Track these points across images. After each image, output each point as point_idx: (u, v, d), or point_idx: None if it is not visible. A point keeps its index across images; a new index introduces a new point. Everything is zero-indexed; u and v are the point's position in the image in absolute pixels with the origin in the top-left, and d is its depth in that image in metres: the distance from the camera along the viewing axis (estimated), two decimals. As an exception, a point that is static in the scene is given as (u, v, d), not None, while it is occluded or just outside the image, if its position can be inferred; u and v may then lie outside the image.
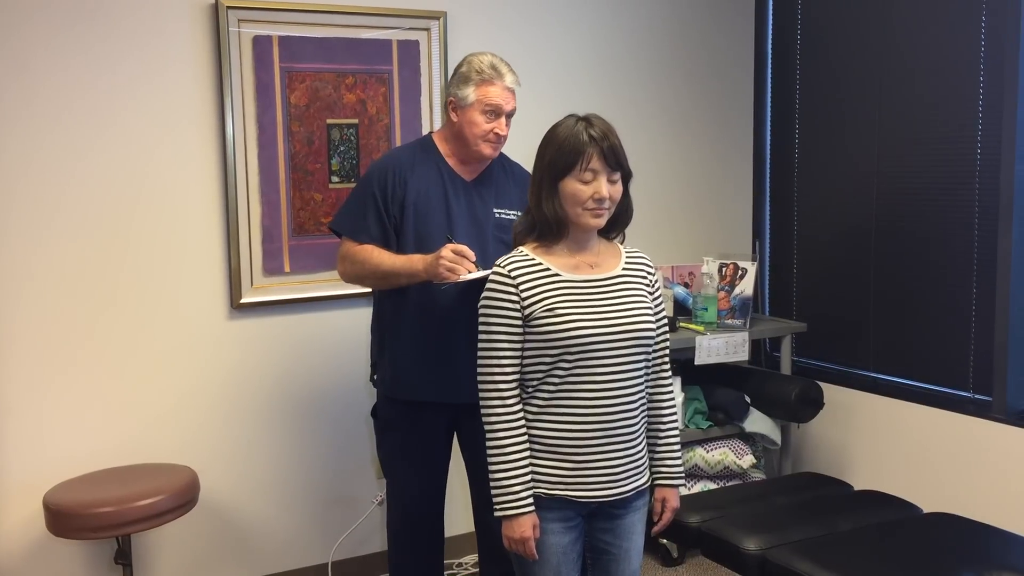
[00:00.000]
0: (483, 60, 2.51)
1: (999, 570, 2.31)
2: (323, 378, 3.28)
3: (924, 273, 3.40)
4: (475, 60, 2.52)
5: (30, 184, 2.83)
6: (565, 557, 2.01)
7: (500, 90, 2.50)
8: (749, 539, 2.52)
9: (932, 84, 3.34)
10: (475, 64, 2.51)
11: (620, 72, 3.75)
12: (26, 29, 2.79)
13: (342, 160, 3.24)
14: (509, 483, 1.94)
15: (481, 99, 2.49)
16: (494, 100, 2.49)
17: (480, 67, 2.50)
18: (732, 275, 3.64)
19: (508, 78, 2.52)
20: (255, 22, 3.06)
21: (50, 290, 2.88)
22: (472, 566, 3.43)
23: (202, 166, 3.06)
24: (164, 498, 2.66)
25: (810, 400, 3.49)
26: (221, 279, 3.11)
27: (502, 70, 2.51)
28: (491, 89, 2.49)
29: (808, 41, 3.85)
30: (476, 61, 2.52)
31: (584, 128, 1.94)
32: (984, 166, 3.18)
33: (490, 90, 2.49)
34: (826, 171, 3.80)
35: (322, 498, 3.32)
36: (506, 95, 2.51)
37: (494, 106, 2.49)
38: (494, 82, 2.49)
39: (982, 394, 3.22)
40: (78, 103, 2.87)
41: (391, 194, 2.53)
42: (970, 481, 3.22)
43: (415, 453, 2.63)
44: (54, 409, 2.90)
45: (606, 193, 1.94)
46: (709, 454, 3.52)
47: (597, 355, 1.93)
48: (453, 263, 2.31)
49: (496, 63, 2.51)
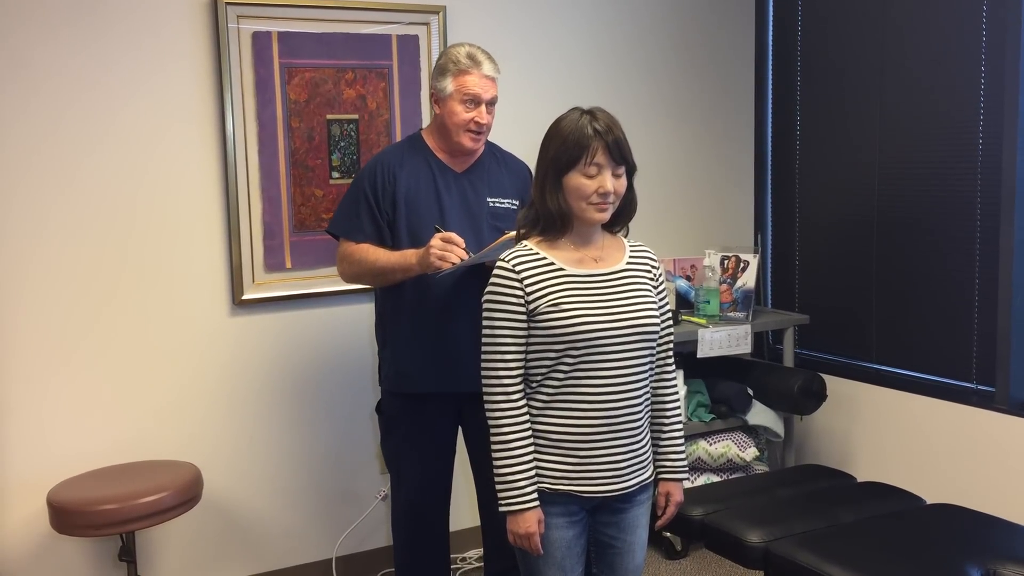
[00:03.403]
0: (460, 51, 2.52)
1: (1003, 560, 2.31)
2: (325, 373, 3.28)
3: (926, 264, 3.40)
4: (452, 51, 2.53)
5: (31, 182, 2.83)
6: (569, 551, 2.02)
7: (478, 79, 2.50)
8: (752, 531, 2.52)
9: (933, 75, 3.33)
10: (452, 55, 2.52)
11: (620, 65, 3.74)
12: (25, 27, 2.79)
13: (342, 156, 3.23)
14: (514, 478, 1.94)
15: (459, 89, 2.49)
16: (472, 89, 2.49)
17: (457, 57, 2.50)
18: (734, 268, 3.64)
19: (486, 66, 2.51)
20: (254, 18, 3.05)
21: (52, 289, 2.87)
22: (477, 560, 3.43)
23: (202, 163, 3.05)
24: (167, 495, 2.67)
25: (813, 392, 3.49)
26: (223, 276, 3.11)
27: (479, 59, 2.51)
28: (468, 78, 2.49)
29: (809, 33, 3.84)
30: (453, 52, 2.53)
31: (589, 122, 1.93)
32: (986, 156, 3.18)
33: (467, 79, 2.49)
34: (827, 163, 3.79)
35: (326, 494, 3.32)
36: (484, 83, 2.51)
37: (472, 95, 2.50)
38: (471, 71, 2.49)
39: (985, 385, 3.23)
40: (77, 101, 2.87)
41: (382, 191, 2.54)
42: (973, 472, 3.22)
43: (419, 447, 2.63)
44: (57, 407, 2.90)
45: (611, 187, 1.93)
46: (712, 447, 3.52)
47: (602, 349, 1.93)
48: (443, 251, 2.33)
49: (473, 52, 2.52)
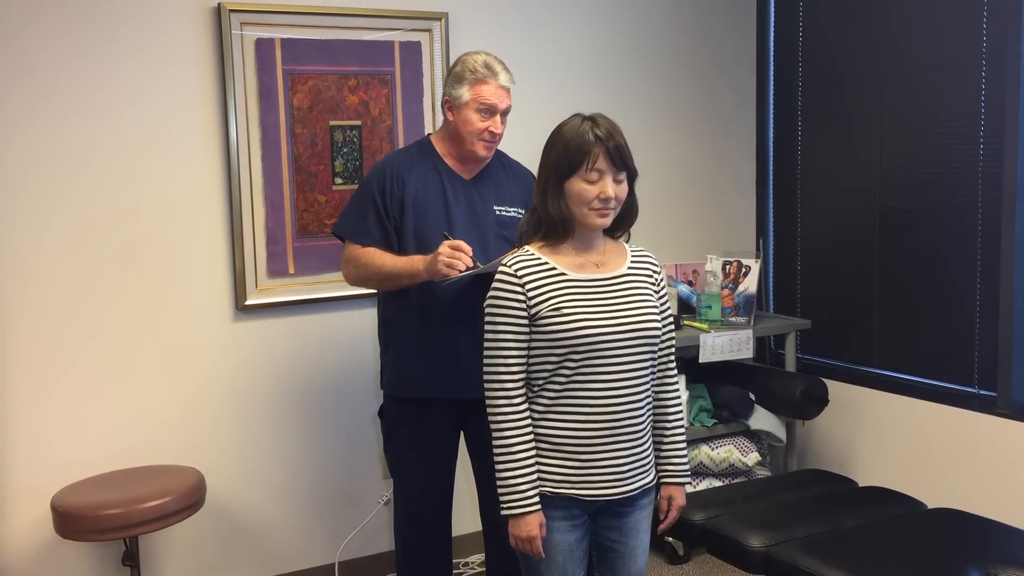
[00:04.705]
0: (477, 59, 2.51)
1: (1004, 565, 2.31)
2: (328, 379, 3.29)
3: (928, 269, 3.40)
4: (469, 59, 2.52)
5: (35, 188, 2.84)
6: (571, 555, 2.02)
7: (494, 89, 2.50)
8: (754, 536, 2.52)
9: (934, 80, 3.34)
10: (469, 63, 2.51)
11: (622, 71, 3.76)
12: (29, 33, 2.80)
13: (345, 161, 3.24)
14: (515, 482, 1.95)
15: (475, 98, 2.49)
16: (488, 99, 2.49)
17: (474, 66, 2.50)
18: (736, 273, 3.65)
19: (502, 76, 2.51)
20: (257, 25, 3.07)
21: (55, 293, 2.88)
22: (479, 565, 3.43)
23: (206, 169, 3.07)
24: (171, 499, 2.67)
25: (815, 397, 3.49)
26: (226, 281, 3.12)
27: (496, 68, 2.51)
28: (485, 88, 2.49)
29: (810, 37, 3.85)
30: (470, 60, 2.52)
31: (590, 128, 1.94)
32: (987, 161, 3.18)
33: (484, 89, 2.49)
34: (829, 167, 3.80)
35: (328, 498, 3.32)
36: (500, 93, 2.51)
37: (488, 105, 2.50)
38: (488, 81, 2.49)
39: (987, 389, 3.23)
40: (81, 107, 2.88)
41: (390, 195, 2.54)
42: (975, 476, 3.22)
43: (422, 452, 2.63)
44: (60, 412, 2.91)
45: (612, 193, 1.94)
46: (714, 451, 3.52)
47: (603, 354, 1.93)
48: (451, 258, 2.33)
49: (490, 62, 2.51)
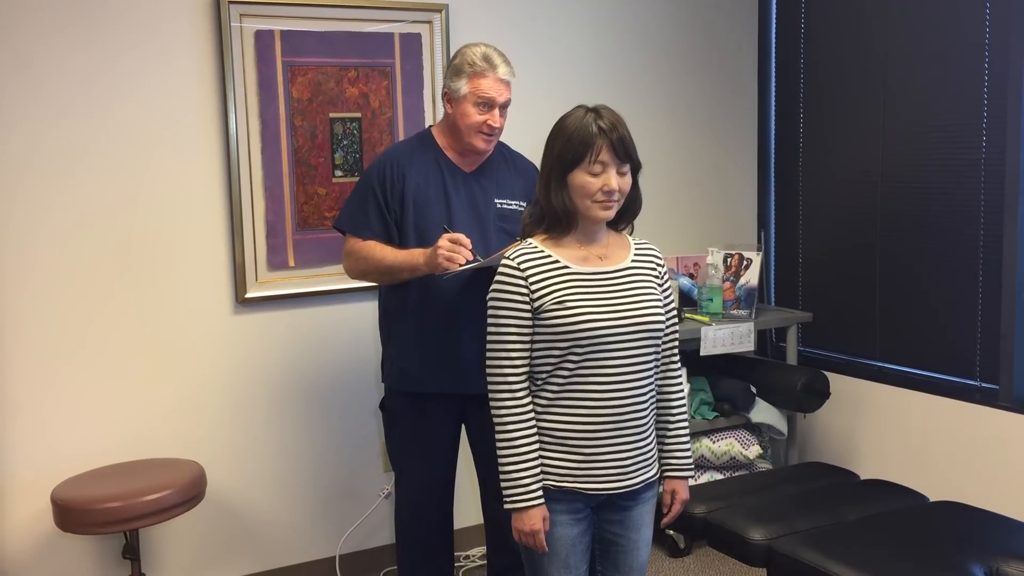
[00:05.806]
0: (476, 52, 2.48)
1: (1006, 558, 2.31)
2: (328, 372, 3.28)
3: (930, 261, 3.40)
4: (468, 52, 2.49)
5: (33, 181, 2.83)
6: (574, 549, 2.02)
7: (492, 82, 2.46)
8: (755, 529, 2.53)
9: (937, 72, 3.33)
10: (468, 56, 2.48)
11: (623, 63, 3.74)
12: (27, 26, 2.79)
13: (345, 154, 3.23)
14: (519, 476, 1.94)
15: (474, 91, 2.46)
16: (486, 92, 2.46)
17: (472, 59, 2.47)
18: (737, 265, 3.64)
19: (501, 69, 2.48)
20: (257, 16, 3.05)
21: (54, 287, 2.87)
22: (480, 558, 3.43)
23: (205, 161, 3.05)
24: (171, 493, 2.67)
25: (816, 390, 3.49)
26: (226, 274, 3.11)
27: (495, 61, 2.47)
28: (483, 81, 2.46)
29: (812, 30, 3.83)
30: (469, 53, 2.49)
31: (593, 120, 1.93)
32: (989, 154, 3.17)
33: (482, 82, 2.46)
34: (831, 160, 3.79)
35: (329, 492, 3.32)
36: (499, 87, 2.48)
37: (487, 98, 2.47)
38: (486, 74, 2.46)
39: (989, 382, 3.22)
40: (80, 100, 2.87)
41: (390, 188, 2.52)
42: (977, 469, 3.22)
43: (423, 445, 2.63)
44: (60, 406, 2.91)
45: (615, 185, 1.93)
46: (715, 444, 3.52)
47: (607, 347, 1.93)
48: (451, 251, 2.31)
49: (489, 54, 2.48)
